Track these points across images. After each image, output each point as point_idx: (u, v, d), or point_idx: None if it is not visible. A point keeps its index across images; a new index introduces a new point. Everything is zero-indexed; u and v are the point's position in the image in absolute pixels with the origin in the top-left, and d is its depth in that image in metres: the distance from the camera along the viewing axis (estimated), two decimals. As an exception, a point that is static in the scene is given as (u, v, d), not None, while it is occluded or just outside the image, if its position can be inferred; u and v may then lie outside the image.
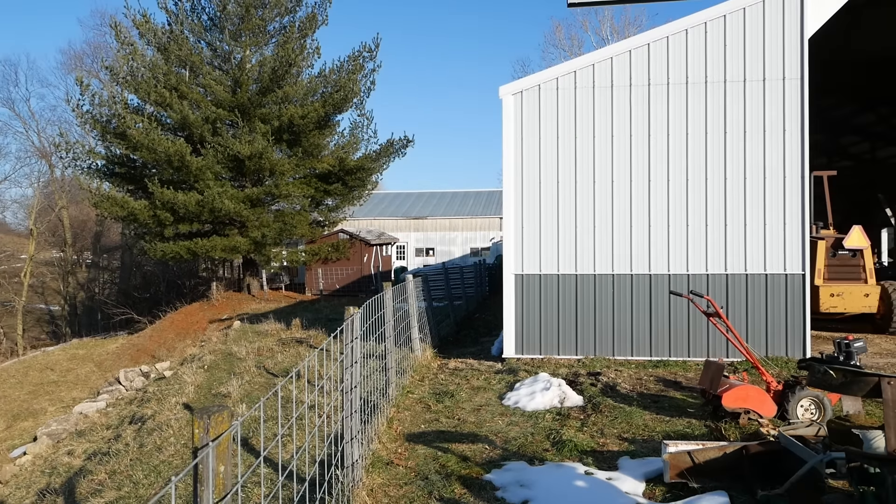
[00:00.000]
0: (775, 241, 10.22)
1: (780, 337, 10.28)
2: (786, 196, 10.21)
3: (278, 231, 25.35)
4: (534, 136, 10.74)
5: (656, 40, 10.47)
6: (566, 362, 10.48)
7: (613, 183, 10.57)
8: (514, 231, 10.78)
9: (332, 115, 26.58)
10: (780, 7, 10.22)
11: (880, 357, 10.86)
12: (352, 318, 5.30)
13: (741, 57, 10.29)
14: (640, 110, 10.51)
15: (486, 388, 9.23)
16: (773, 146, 10.23)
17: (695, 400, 8.01)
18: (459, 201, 47.97)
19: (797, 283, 10.20)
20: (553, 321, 10.75)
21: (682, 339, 10.42)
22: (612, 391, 8.57)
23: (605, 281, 10.58)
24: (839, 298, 12.65)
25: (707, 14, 10.39)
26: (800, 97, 10.17)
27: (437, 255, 43.62)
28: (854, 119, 24.02)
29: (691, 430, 6.86)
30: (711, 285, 10.35)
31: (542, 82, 10.71)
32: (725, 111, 10.32)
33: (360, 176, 27.10)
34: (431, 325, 13.17)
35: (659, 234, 10.46)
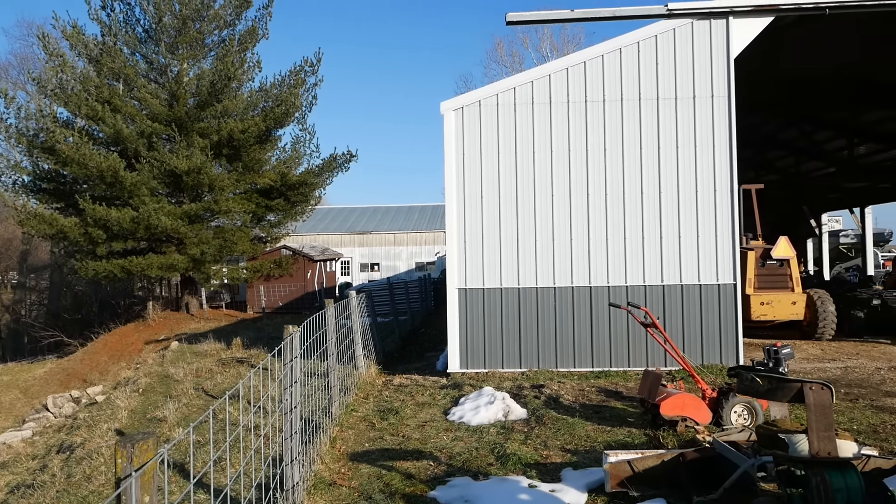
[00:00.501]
0: (708, 252, 10.59)
1: (714, 345, 10.62)
2: (717, 209, 10.60)
3: (218, 248, 24.74)
4: (475, 150, 10.84)
5: (592, 58, 10.76)
6: (510, 375, 10.55)
7: (553, 197, 10.76)
8: (457, 246, 10.83)
9: (274, 130, 26.22)
10: (707, 28, 10.67)
11: (807, 362, 11.36)
12: (290, 338, 5.20)
13: (672, 75, 10.68)
14: (577, 126, 10.76)
15: (431, 404, 9.19)
16: (704, 161, 10.63)
17: (635, 409, 8.17)
18: (404, 216, 47.96)
19: (729, 292, 10.58)
20: (497, 335, 10.81)
21: (623, 349, 10.65)
22: (555, 403, 8.67)
23: (547, 294, 10.73)
24: (769, 306, 13.18)
25: (639, 34, 10.75)
26: (727, 114, 10.62)
27: (382, 270, 43.41)
28: (779, 134, 25.19)
29: (632, 440, 6.99)
30: (649, 296, 10.63)
31: (482, 98, 10.84)
32: (658, 127, 10.68)
33: (303, 191, 26.78)
34: (376, 342, 13.06)
35: (598, 248, 10.69)
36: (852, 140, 23.38)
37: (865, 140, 23.25)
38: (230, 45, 25.40)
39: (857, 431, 7.06)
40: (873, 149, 23.82)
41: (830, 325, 13.47)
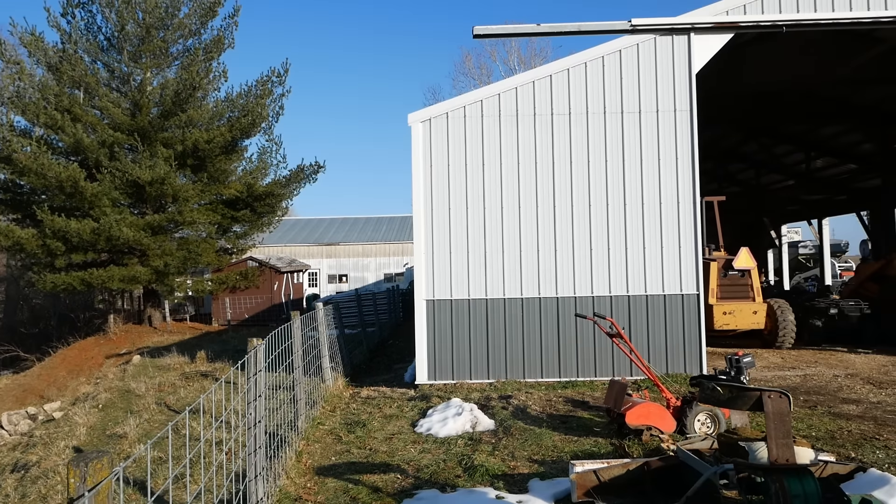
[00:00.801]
0: (672, 263, 10.77)
1: (678, 354, 10.78)
2: (680, 220, 10.80)
3: (182, 259, 24.31)
4: (443, 162, 10.88)
5: (558, 72, 10.91)
6: (478, 386, 10.55)
7: (520, 209, 10.84)
8: (425, 257, 10.83)
9: (240, 140, 25.93)
10: (669, 44, 10.92)
11: (768, 370, 11.60)
12: (255, 350, 5.13)
13: (636, 89, 10.89)
14: (544, 139, 10.88)
15: (398, 416, 9.13)
16: (668, 174, 10.83)
17: (601, 419, 8.24)
18: (373, 227, 47.80)
19: (692, 302, 10.77)
20: (465, 346, 10.82)
21: (589, 359, 10.74)
22: (522, 414, 8.69)
23: (515, 305, 10.78)
24: (731, 316, 13.44)
25: (604, 48, 10.94)
26: (690, 128, 10.85)
27: (350, 281, 43.13)
28: (740, 148, 25.82)
29: (598, 449, 7.04)
30: (615, 307, 10.75)
31: (449, 110, 10.90)
32: (623, 140, 10.86)
33: (270, 202, 26.50)
34: (344, 354, 12.94)
35: (565, 259, 10.79)
36: (810, 154, 24.07)
37: (822, 154, 23.96)
38: (195, 55, 25.09)
39: (816, 438, 7.22)
40: (830, 162, 24.56)
41: (790, 334, 13.79)
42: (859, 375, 10.87)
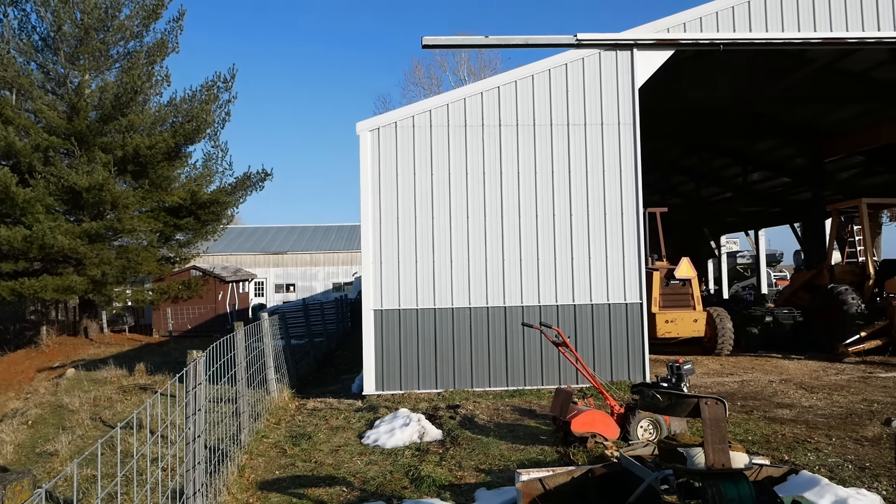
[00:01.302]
0: (616, 272, 11.00)
1: (623, 362, 11.00)
2: (624, 231, 11.05)
3: (121, 269, 23.46)
4: (391, 171, 10.86)
5: (506, 84, 11.04)
6: (426, 396, 10.52)
7: (469, 219, 10.90)
8: (373, 267, 10.76)
9: (184, 146, 25.27)
10: (613, 59, 11.19)
11: (708, 377, 11.95)
12: (195, 363, 4.98)
13: (581, 102, 11.11)
14: (492, 149, 10.98)
15: (345, 428, 9.01)
16: (612, 185, 11.07)
17: (547, 427, 8.32)
18: (321, 236, 47.28)
19: (636, 311, 11.01)
20: (413, 356, 10.78)
21: (536, 368, 10.84)
22: (470, 423, 8.70)
23: (463, 314, 10.81)
24: (673, 324, 13.80)
25: (551, 62, 11.14)
26: (633, 140, 11.13)
27: (298, 290, 42.49)
28: (682, 161, 26.68)
29: (544, 457, 7.10)
30: (561, 316, 10.90)
31: (398, 120, 10.89)
32: (569, 152, 11.05)
33: (215, 210, 25.87)
34: (290, 365, 12.71)
35: (512, 268, 10.89)
36: (746, 167, 25.05)
37: (758, 168, 24.97)
38: (137, 58, 24.39)
39: (752, 442, 7.46)
40: (765, 176, 25.61)
41: (728, 342, 14.25)
42: (792, 381, 11.30)
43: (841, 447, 7.17)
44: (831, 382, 11.06)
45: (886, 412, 8.59)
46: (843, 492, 5.14)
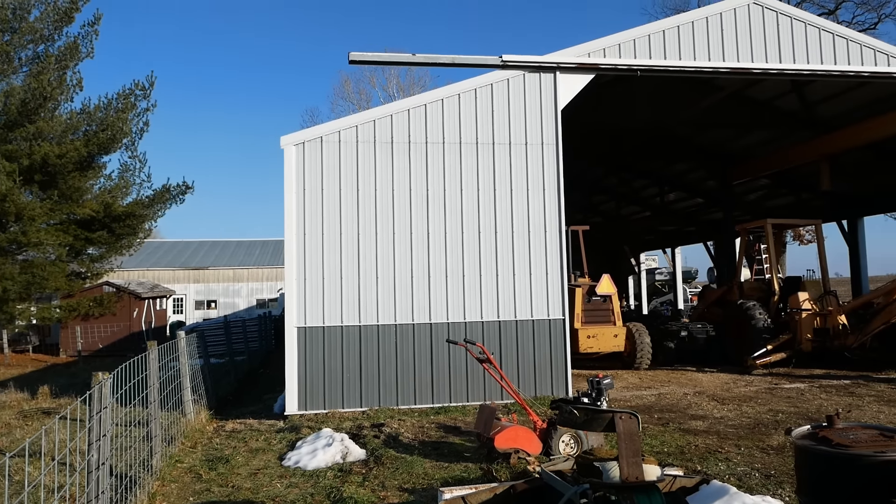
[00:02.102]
0: (539, 289, 11.20)
1: (546, 377, 11.18)
2: (547, 249, 11.29)
3: (25, 284, 22.04)
4: (316, 187, 10.71)
5: (432, 102, 11.13)
6: (351, 415, 10.35)
7: (395, 235, 10.87)
8: (297, 283, 10.55)
9: (98, 156, 24.11)
10: (537, 81, 11.48)
11: (627, 390, 12.30)
12: (100, 385, 4.71)
13: (506, 122, 11.33)
14: (419, 167, 11.02)
15: (265, 450, 8.74)
16: (536, 203, 11.31)
17: (472, 444, 8.33)
18: (245, 251, 46.01)
19: (559, 327, 11.23)
20: (338, 374, 10.60)
21: (462, 384, 10.87)
22: (395, 441, 8.60)
23: (389, 331, 10.73)
24: (594, 339, 14.18)
25: (477, 81, 11.32)
26: (556, 160, 11.42)
27: (219, 307, 41.12)
28: (603, 180, 27.62)
29: (468, 474, 7.09)
30: (486, 332, 10.99)
31: (324, 134, 10.78)
32: (494, 171, 11.22)
33: (130, 223, 24.74)
34: (208, 385, 12.24)
35: (438, 285, 10.91)
36: (663, 188, 26.18)
37: (674, 188, 26.14)
38: (47, 62, 23.16)
39: (667, 453, 7.71)
40: (681, 196, 26.82)
41: (647, 356, 14.74)
42: (706, 393, 11.79)
43: (749, 456, 7.52)
44: (741, 394, 11.60)
45: (790, 422, 9.08)
46: (751, 500, 5.37)
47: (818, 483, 4.20)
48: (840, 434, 4.25)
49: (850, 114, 16.55)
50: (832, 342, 14.02)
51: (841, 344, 13.92)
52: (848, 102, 16.31)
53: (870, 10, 30.03)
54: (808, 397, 11.15)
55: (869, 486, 3.82)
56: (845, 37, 12.83)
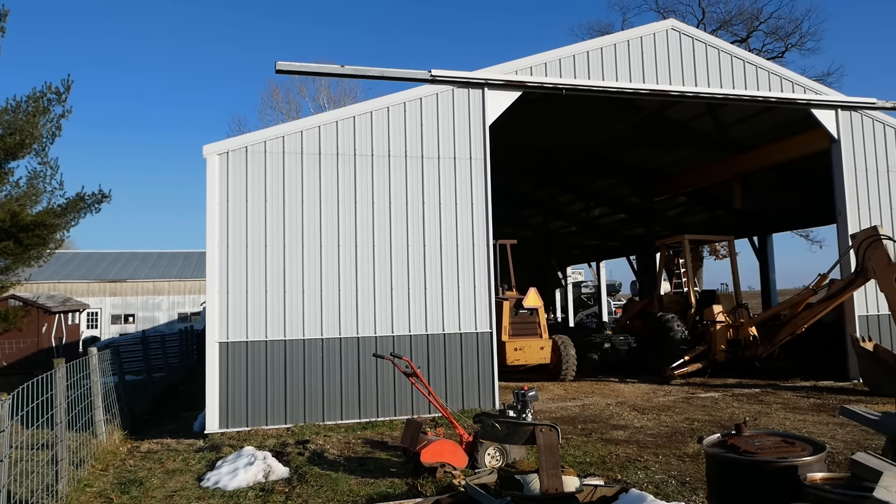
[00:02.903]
0: (467, 302, 11.28)
1: (474, 390, 11.24)
2: (475, 262, 11.39)
3: (-80, 298, 20.45)
4: (241, 198, 10.45)
5: (361, 114, 11.09)
6: (275, 432, 10.09)
7: (322, 248, 10.72)
8: (219, 297, 10.23)
9: (4, 162, 22.71)
10: (466, 96, 11.63)
11: (552, 402, 12.52)
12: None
13: (435, 136, 11.40)
14: (346, 179, 10.92)
15: (183, 471, 8.38)
16: (464, 217, 11.41)
17: (399, 458, 8.26)
18: (166, 262, 44.29)
19: (486, 340, 11.34)
20: (261, 390, 10.32)
21: (389, 399, 10.78)
22: (320, 458, 8.43)
23: (315, 346, 10.54)
24: (521, 352, 14.37)
25: (406, 95, 11.36)
26: (484, 175, 11.57)
27: (138, 321, 39.36)
28: (531, 195, 28.19)
29: (393, 490, 7.02)
30: (414, 345, 10.96)
31: (249, 144, 10.54)
32: (423, 184, 11.26)
33: (40, 233, 23.30)
34: (123, 404, 11.65)
35: (366, 299, 10.82)
36: (589, 203, 26.96)
37: (599, 204, 26.95)
38: (-50, 61, 21.71)
39: (589, 463, 7.88)
40: (605, 212, 27.69)
41: (572, 367, 15.06)
42: (627, 403, 12.14)
43: (666, 464, 7.78)
44: (660, 404, 12.01)
45: (704, 430, 9.46)
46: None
47: (726, 489, 4.39)
48: (747, 441, 4.46)
49: (760, 136, 17.57)
50: (744, 352, 14.73)
51: (752, 354, 14.64)
52: (757, 125, 17.31)
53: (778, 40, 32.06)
54: (722, 406, 11.66)
55: (772, 491, 4.02)
56: (755, 64, 13.63)
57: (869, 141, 14.11)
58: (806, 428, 9.53)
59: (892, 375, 11.70)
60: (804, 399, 12.06)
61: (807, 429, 9.45)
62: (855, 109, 14.04)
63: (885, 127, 14.29)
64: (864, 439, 8.58)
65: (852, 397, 12.17)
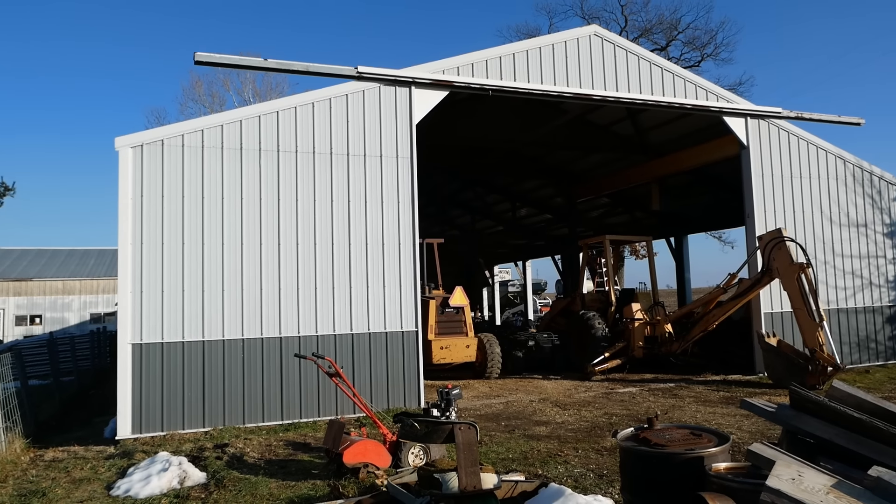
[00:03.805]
0: (393, 301, 11.24)
1: (399, 389, 11.21)
2: (401, 261, 11.36)
3: None
4: (156, 193, 10.02)
5: (285, 109, 10.85)
6: (192, 436, 9.74)
7: (243, 246, 10.42)
8: (132, 297, 9.79)
9: None
10: (393, 94, 11.58)
11: (477, 399, 12.65)
12: None
13: (361, 133, 11.29)
14: (269, 175, 10.67)
15: (91, 479, 7.97)
16: (390, 216, 11.36)
17: (321, 460, 8.14)
18: (77, 260, 42.02)
19: (412, 339, 11.33)
20: (178, 393, 9.94)
21: (313, 399, 10.61)
22: (239, 462, 8.20)
23: (235, 346, 10.25)
24: (447, 350, 14.45)
25: (332, 91, 11.19)
26: (410, 174, 11.55)
27: (46, 323, 37.17)
28: (459, 195, 28.39)
29: (315, 492, 6.91)
30: (339, 345, 10.83)
31: (166, 137, 10.13)
32: (349, 182, 11.14)
33: (-66, 228, 21.75)
34: (26, 410, 10.98)
35: (289, 298, 10.60)
36: (515, 204, 27.39)
37: (525, 204, 27.43)
38: None
39: (512, 459, 7.99)
40: (531, 212, 28.21)
41: (497, 365, 15.26)
42: (549, 399, 12.40)
43: (585, 458, 7.99)
44: (581, 399, 12.33)
45: (622, 424, 9.78)
46: (583, 499, 5.68)
47: (639, 480, 4.55)
48: (658, 435, 4.64)
49: (676, 141, 18.32)
50: (660, 349, 15.34)
51: (667, 350, 15.27)
52: (674, 131, 18.04)
53: (694, 49, 33.48)
54: (639, 400, 12.09)
55: (680, 481, 4.20)
56: (672, 72, 14.21)
57: (775, 148, 14.95)
58: (715, 420, 10.01)
59: (793, 369, 12.44)
60: (714, 392, 12.66)
61: (716, 421, 9.92)
62: (763, 118, 14.85)
63: (790, 135, 15.19)
64: (767, 430, 9.08)
65: (757, 390, 12.88)
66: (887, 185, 16.27)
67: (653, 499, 4.40)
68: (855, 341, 15.24)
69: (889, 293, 15.91)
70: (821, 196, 15.34)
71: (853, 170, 15.84)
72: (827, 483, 3.51)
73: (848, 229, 15.54)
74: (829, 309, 14.57)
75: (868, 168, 16.04)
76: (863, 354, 15.31)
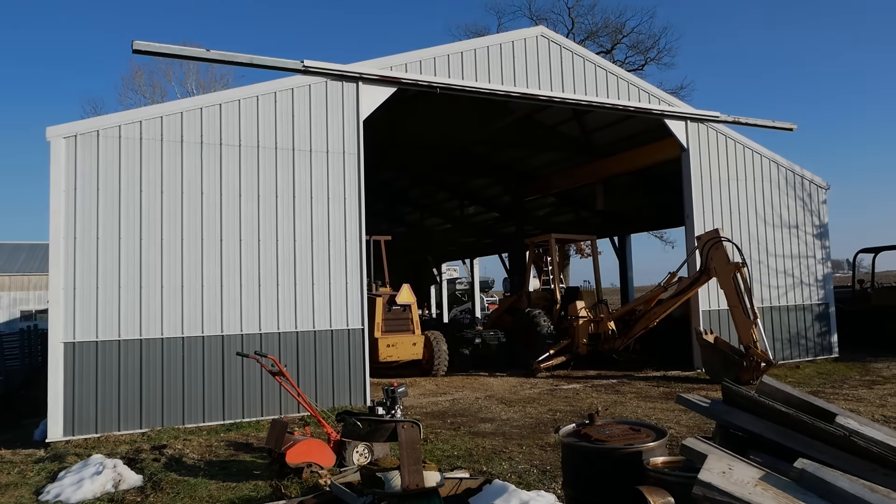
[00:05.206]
0: (339, 299, 11.12)
1: (345, 387, 11.12)
2: (347, 258, 11.25)
3: None
4: (91, 186, 9.63)
5: (228, 101, 10.59)
6: (128, 438, 9.43)
7: (184, 241, 10.14)
8: (64, 294, 9.40)
9: None
10: (340, 89, 11.45)
11: (424, 397, 12.65)
12: None
13: (308, 128, 11.13)
14: (212, 169, 10.40)
15: (18, 484, 7.62)
16: (336, 212, 11.23)
17: (264, 460, 7.99)
18: (7, 255, 40.05)
19: (358, 337, 11.24)
20: (113, 393, 9.60)
21: (256, 399, 10.41)
22: (177, 464, 7.97)
23: (175, 345, 9.96)
24: (394, 348, 14.41)
25: (278, 84, 10.99)
26: (357, 170, 11.45)
27: (-29, 320, 35.31)
28: (408, 192, 28.32)
29: (256, 493, 6.78)
30: (283, 343, 10.66)
31: (101, 128, 9.75)
32: (294, 177, 10.96)
33: None
34: (-53, 413, 10.41)
35: (231, 295, 10.37)
36: (463, 201, 27.51)
37: (473, 202, 27.58)
38: None
39: (457, 457, 8.03)
40: (479, 210, 28.38)
41: (444, 363, 15.30)
42: (495, 396, 12.51)
43: (529, 454, 8.08)
44: (526, 396, 12.48)
45: (565, 420, 9.94)
46: (526, 495, 5.75)
47: (579, 475, 4.63)
48: (598, 430, 4.73)
49: (620, 143, 18.73)
50: (603, 346, 15.66)
51: (610, 347, 15.60)
52: (619, 132, 18.44)
53: (638, 53, 34.23)
54: (583, 396, 12.31)
55: (619, 475, 4.29)
56: (616, 74, 14.51)
57: (713, 151, 15.46)
58: (655, 415, 10.28)
59: (729, 365, 12.89)
60: (655, 388, 13.01)
61: (655, 416, 10.19)
62: (702, 122, 15.32)
63: (727, 139, 15.72)
64: (703, 424, 9.38)
65: (695, 385, 13.30)
66: (817, 189, 17.03)
67: (593, 493, 4.48)
68: (787, 338, 15.89)
69: (818, 292, 16.66)
70: (756, 198, 15.94)
71: (786, 173, 16.51)
72: (755, 476, 3.65)
73: (781, 230, 16.20)
74: (763, 307, 15.14)
75: (800, 171, 16.75)
76: (794, 350, 15.99)
